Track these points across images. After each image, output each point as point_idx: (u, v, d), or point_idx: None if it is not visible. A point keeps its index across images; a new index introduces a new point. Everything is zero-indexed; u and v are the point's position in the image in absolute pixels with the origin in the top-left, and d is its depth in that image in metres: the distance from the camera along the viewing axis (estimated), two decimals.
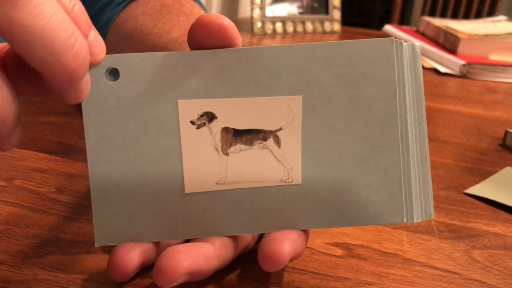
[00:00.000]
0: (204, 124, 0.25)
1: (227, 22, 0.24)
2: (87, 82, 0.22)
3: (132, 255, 0.25)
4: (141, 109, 0.25)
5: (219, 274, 0.28)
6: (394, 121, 0.25)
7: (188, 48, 0.25)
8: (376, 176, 0.26)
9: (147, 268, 0.27)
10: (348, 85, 0.25)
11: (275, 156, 0.26)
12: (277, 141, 0.25)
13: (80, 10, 0.21)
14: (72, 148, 0.43)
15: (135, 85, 0.25)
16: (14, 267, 0.28)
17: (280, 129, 0.25)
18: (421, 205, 0.26)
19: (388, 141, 0.25)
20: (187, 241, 0.27)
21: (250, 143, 0.25)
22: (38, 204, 0.34)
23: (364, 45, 0.25)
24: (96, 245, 0.26)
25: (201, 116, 0.25)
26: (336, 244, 0.32)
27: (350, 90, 0.25)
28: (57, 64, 0.19)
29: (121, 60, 0.24)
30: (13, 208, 0.33)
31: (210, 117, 0.25)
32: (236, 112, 0.25)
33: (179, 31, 0.41)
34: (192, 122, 0.25)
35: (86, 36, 0.21)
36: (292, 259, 0.25)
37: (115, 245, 0.25)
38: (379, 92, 0.25)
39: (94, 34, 0.22)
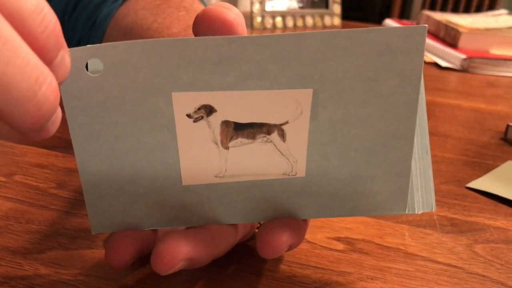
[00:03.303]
0: (202, 117, 0.23)
1: (233, 17, 0.24)
2: (55, 121, 0.19)
3: (128, 243, 0.25)
4: (131, 103, 0.23)
5: (219, 267, 0.28)
6: (413, 116, 0.24)
7: None
8: (383, 169, 0.25)
9: (147, 259, 0.27)
10: (366, 78, 0.23)
11: (279, 150, 0.24)
12: (282, 135, 0.24)
13: (52, 33, 0.17)
14: (72, 143, 0.43)
15: (122, 77, 0.22)
16: (15, 262, 0.28)
17: (286, 122, 0.24)
18: (423, 197, 0.26)
19: (403, 135, 0.24)
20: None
21: (253, 137, 0.24)
22: (39, 199, 0.34)
23: (391, 34, 0.22)
24: (92, 233, 0.25)
25: (199, 109, 0.23)
26: (338, 239, 0.32)
27: (368, 83, 0.23)
28: (16, 115, 0.17)
29: (103, 51, 0.22)
30: (13, 203, 0.33)
31: (208, 110, 0.23)
32: (237, 106, 0.23)
33: (179, 26, 0.40)
34: (188, 116, 0.23)
35: (52, 61, 0.18)
36: (290, 248, 0.25)
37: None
38: (401, 86, 0.23)
39: (61, 55, 0.18)
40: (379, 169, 0.25)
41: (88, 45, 0.21)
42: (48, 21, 0.17)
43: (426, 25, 0.22)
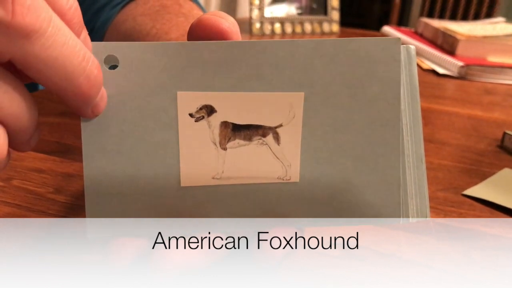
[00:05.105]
0: (203, 117, 0.25)
1: (227, 25, 0.24)
2: (103, 97, 0.23)
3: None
4: (139, 99, 0.24)
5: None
6: (396, 122, 0.25)
7: None
8: (374, 177, 0.26)
9: None
10: (351, 84, 0.25)
11: (273, 153, 0.25)
12: (277, 137, 0.25)
13: (76, 11, 0.21)
14: (70, 148, 0.43)
15: (135, 74, 0.24)
16: None
17: (280, 125, 0.25)
18: (417, 206, 0.26)
19: (389, 142, 0.25)
20: None
21: (249, 138, 0.25)
22: (36, 204, 0.34)
23: (370, 44, 0.24)
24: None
25: (200, 109, 0.24)
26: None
27: (353, 89, 0.25)
28: (71, 88, 0.20)
29: (121, 48, 0.24)
30: (11, 208, 0.33)
31: (209, 110, 0.24)
32: (236, 107, 0.25)
33: (178, 32, 0.41)
34: (190, 115, 0.24)
35: (78, 36, 0.21)
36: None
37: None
38: (382, 93, 0.25)
39: (84, 34, 0.22)
40: (369, 177, 0.26)
41: (107, 42, 0.23)
42: (73, 1, 0.20)
43: (400, 37, 0.25)
